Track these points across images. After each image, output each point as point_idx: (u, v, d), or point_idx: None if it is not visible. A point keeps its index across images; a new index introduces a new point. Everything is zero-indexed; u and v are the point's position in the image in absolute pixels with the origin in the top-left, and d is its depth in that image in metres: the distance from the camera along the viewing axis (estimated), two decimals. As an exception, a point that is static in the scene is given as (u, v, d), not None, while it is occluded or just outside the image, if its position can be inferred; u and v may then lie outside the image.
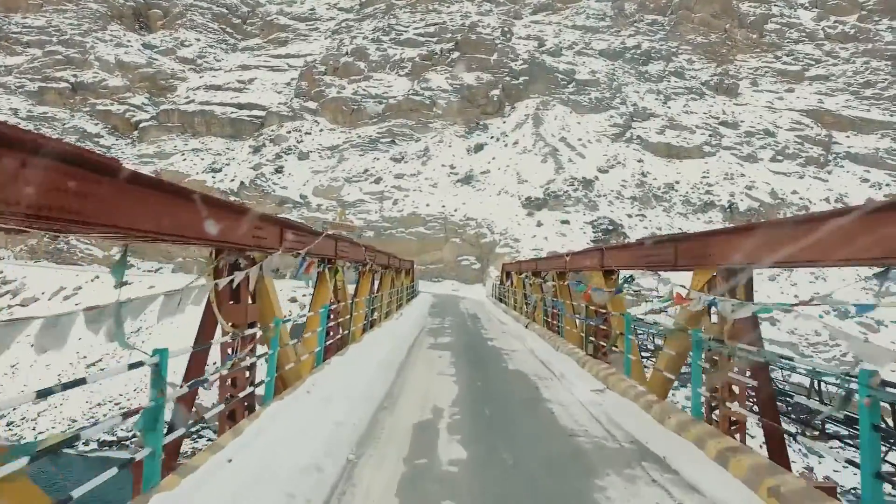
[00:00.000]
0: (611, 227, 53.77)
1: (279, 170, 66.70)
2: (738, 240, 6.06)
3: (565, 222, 54.41)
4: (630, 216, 56.85)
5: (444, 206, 57.64)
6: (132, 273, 67.27)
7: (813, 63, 78.30)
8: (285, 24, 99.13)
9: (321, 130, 73.44)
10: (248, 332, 6.92)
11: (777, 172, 64.05)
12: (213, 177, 69.34)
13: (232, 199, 65.79)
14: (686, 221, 58.72)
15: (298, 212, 60.59)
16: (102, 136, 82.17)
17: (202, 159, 73.25)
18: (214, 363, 7.05)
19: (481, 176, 61.68)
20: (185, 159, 73.80)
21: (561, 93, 73.16)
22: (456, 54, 75.10)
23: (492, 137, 67.65)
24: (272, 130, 74.21)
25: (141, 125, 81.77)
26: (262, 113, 77.19)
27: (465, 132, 68.59)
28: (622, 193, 59.60)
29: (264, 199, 64.23)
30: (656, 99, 74.40)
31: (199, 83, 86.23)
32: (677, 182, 63.04)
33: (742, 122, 70.74)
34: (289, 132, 73.32)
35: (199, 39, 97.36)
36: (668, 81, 77.27)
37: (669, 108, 72.79)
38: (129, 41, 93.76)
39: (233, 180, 67.06)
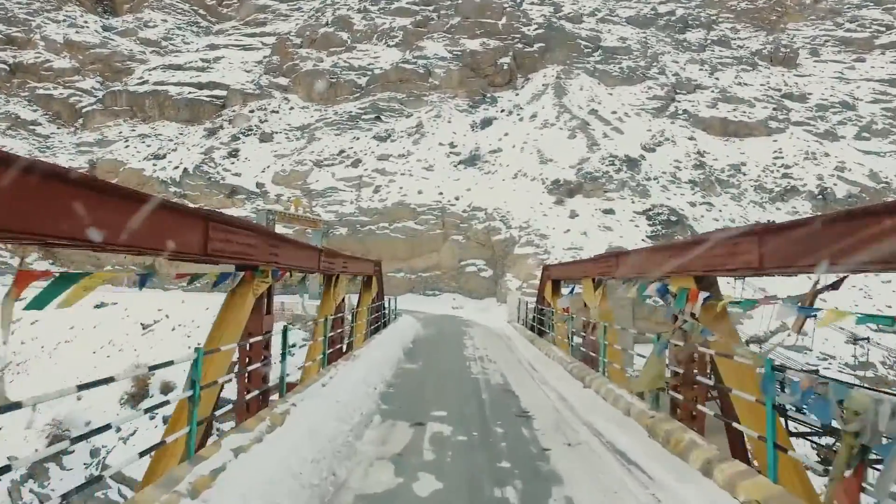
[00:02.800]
0: (673, 219, 36.46)
1: (233, 154, 49.57)
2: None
3: (609, 212, 37.05)
4: (693, 205, 39.60)
5: (441, 194, 40.43)
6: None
7: (883, 30, 61.40)
8: (264, 5, 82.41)
9: (291, 109, 56.44)
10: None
11: (867, 152, 46.91)
12: (155, 164, 52.39)
13: (172, 190, 48.84)
14: (763, 212, 41.54)
15: (253, 204, 43.55)
16: (41, 125, 65.21)
17: (148, 146, 56.26)
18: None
19: (490, 156, 44.47)
20: (127, 146, 56.84)
21: (584, 61, 56.16)
22: (456, 19, 58.22)
23: (502, 111, 50.55)
24: (233, 111, 57.28)
25: (84, 110, 65.08)
26: (225, 93, 60.33)
27: (468, 106, 51.52)
28: (677, 176, 42.36)
29: (210, 188, 47.14)
30: (700, 70, 57.42)
31: (157, 64, 69.43)
32: (743, 164, 45.90)
33: (810, 94, 53.72)
34: (251, 111, 56.34)
35: (165, 21, 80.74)
36: (712, 51, 60.39)
37: (718, 79, 55.83)
38: (85, 22, 77.01)
39: (176, 168, 50.10)
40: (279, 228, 38.36)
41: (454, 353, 14.56)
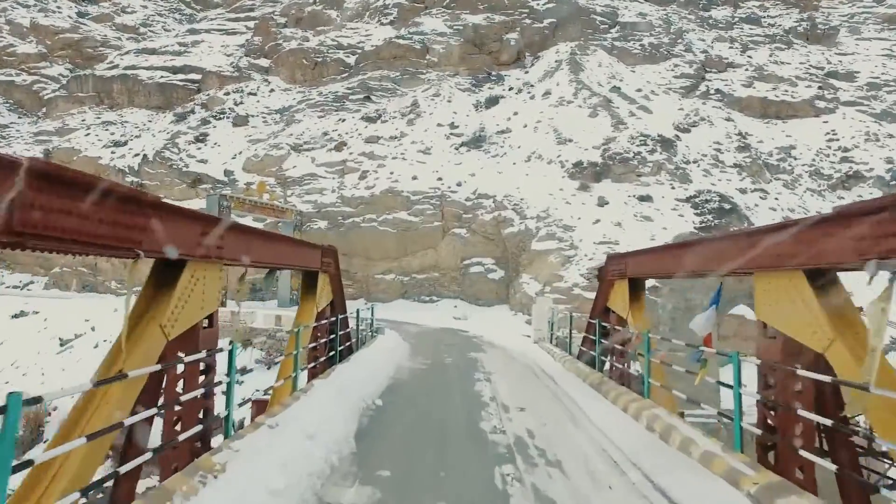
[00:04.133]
0: (726, 206, 28.85)
1: (200, 139, 42.00)
2: None
3: (646, 199, 29.44)
4: (743, 191, 32.00)
5: (440, 179, 32.83)
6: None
7: (929, 6, 54.02)
8: (252, -10, 75.05)
9: (271, 91, 48.92)
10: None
11: (934, 134, 39.34)
12: (113, 153, 44.86)
13: (129, 180, 41.30)
14: (822, 202, 33.96)
15: (219, 193, 36.05)
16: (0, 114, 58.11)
17: (111, 134, 48.79)
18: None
19: (498, 137, 36.87)
20: (88, 134, 49.33)
21: (601, 38, 48.66)
22: (457, -7, 50.77)
23: (510, 89, 43.00)
24: (207, 95, 49.79)
25: (47, 97, 57.68)
26: (200, 77, 52.84)
27: (471, 84, 43.98)
28: (720, 159, 34.77)
29: (172, 176, 39.55)
30: (731, 48, 49.96)
31: (130, 48, 62.01)
32: (792, 147, 38.35)
33: (857, 72, 46.23)
34: (227, 94, 48.84)
35: (145, 6, 73.53)
36: (741, 29, 52.97)
37: (751, 57, 48.37)
38: (58, 7, 69.56)
39: (137, 155, 42.59)
40: (239, 220, 30.81)
41: (461, 428, 6.85)
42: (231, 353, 5.65)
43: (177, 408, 5.08)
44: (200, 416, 5.29)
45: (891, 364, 4.27)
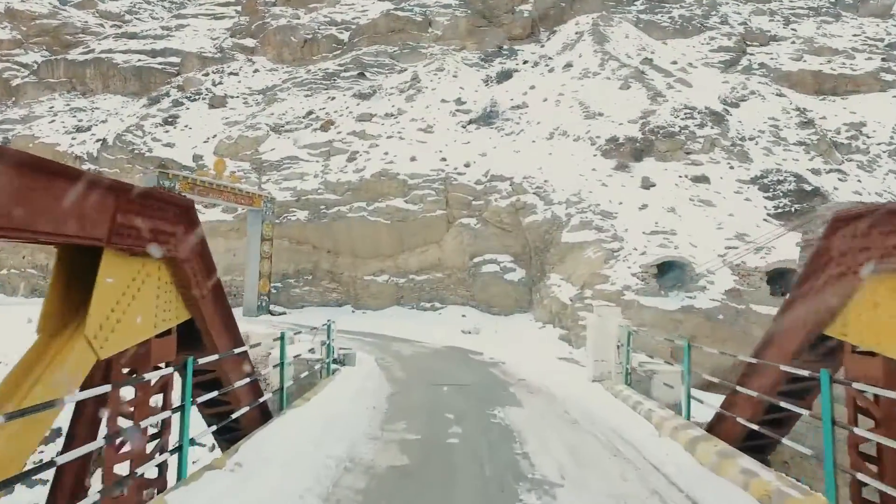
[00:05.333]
0: (806, 189, 22.44)
1: (169, 121, 35.94)
2: None
3: (701, 180, 23.06)
4: (816, 172, 25.53)
5: (444, 160, 26.51)
6: None
7: None
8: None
9: (255, 71, 42.85)
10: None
11: None
12: (74, 138, 38.89)
13: (86, 167, 35.27)
14: (907, 187, 27.45)
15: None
16: (-34, 103, 52.38)
17: (79, 121, 42.89)
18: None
19: (513, 112, 30.54)
20: (53, 121, 43.44)
21: (624, 10, 42.44)
22: (463, -35, 44.57)
23: (524, 62, 36.75)
24: (184, 77, 43.84)
25: (15, 84, 51.94)
26: (180, 60, 46.94)
27: (479, 59, 37.74)
28: (781, 136, 28.31)
29: (133, 162, 33.43)
30: (771, 21, 43.56)
31: (110, 34, 56.33)
32: (862, 124, 31.84)
33: (920, 44, 39.72)
34: (205, 75, 42.87)
35: (132, -7, 67.91)
36: (780, 1, 46.53)
37: (795, 30, 41.97)
38: (39, -6, 63.95)
39: (98, 140, 36.59)
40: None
41: None
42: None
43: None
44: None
45: None
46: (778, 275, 16.84)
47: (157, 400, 4.88)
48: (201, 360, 5.16)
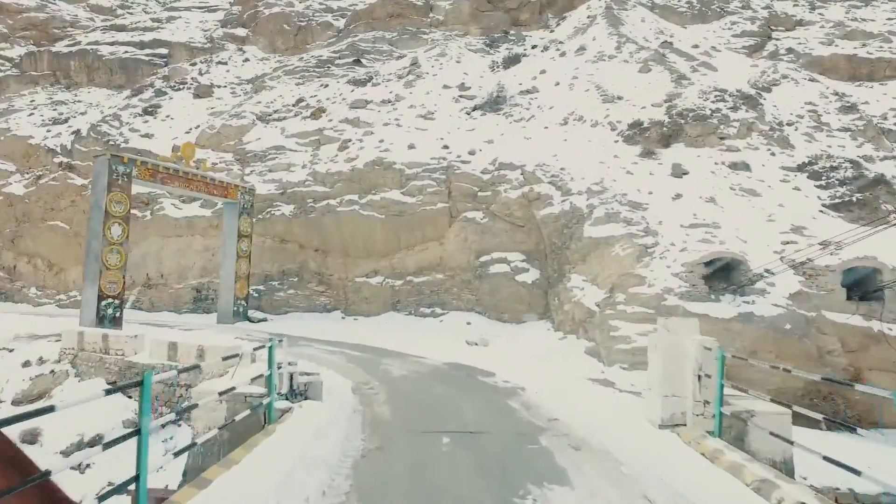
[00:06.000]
0: (868, 175, 19.29)
1: (150, 111, 33.01)
2: None
3: (741, 167, 19.91)
4: (868, 159, 22.35)
5: (446, 148, 23.40)
6: None
7: None
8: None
9: (245, 61, 39.92)
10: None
11: None
12: (49, 131, 35.98)
13: (58, 160, 32.33)
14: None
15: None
16: (-54, 98, 49.64)
17: (59, 114, 40.05)
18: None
19: (522, 97, 27.45)
20: (31, 115, 40.61)
21: (640, -5, 39.40)
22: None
23: (533, 47, 33.71)
24: (171, 67, 40.98)
25: (-3, 77, 49.18)
26: (168, 51, 44.11)
27: (484, 45, 34.72)
28: (824, 122, 25.14)
29: (108, 153, 30.47)
30: (796, 6, 40.42)
31: (98, 26, 53.61)
32: (907, 110, 28.67)
33: (959, 29, 36.53)
34: (192, 64, 40.03)
35: (125, -12, 65.16)
36: (803, -14, 43.44)
37: (822, 14, 38.84)
38: (29, -12, 61.27)
39: (73, 132, 33.65)
40: (146, 191, 22.10)
41: None
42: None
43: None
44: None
45: None
46: (854, 276, 13.67)
47: None
48: None
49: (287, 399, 7.70)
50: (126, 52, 45.78)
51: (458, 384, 10.44)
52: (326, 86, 31.57)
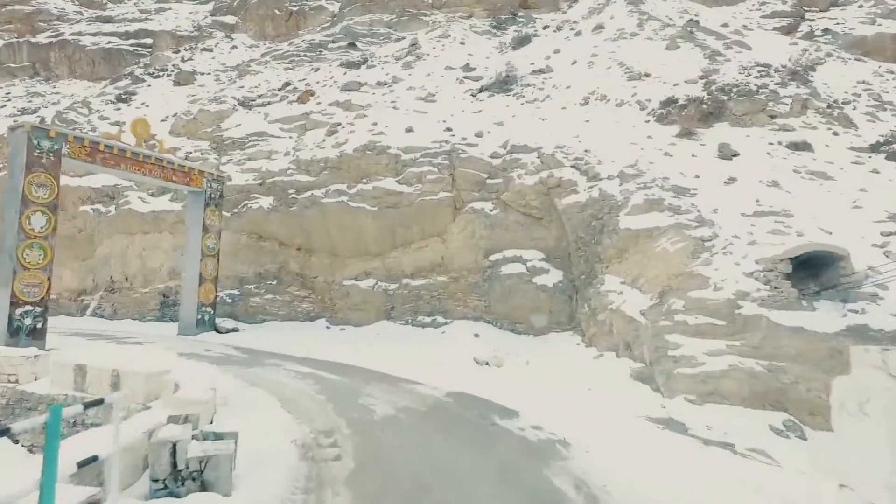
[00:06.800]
0: (958, 154, 15.88)
1: (124, 98, 29.85)
2: None
3: (802, 147, 16.51)
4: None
5: (449, 130, 20.02)
6: None
7: None
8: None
9: (233, 48, 36.83)
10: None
11: None
12: (15, 120, 32.89)
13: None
14: None
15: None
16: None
17: (31, 104, 37.00)
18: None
19: (535, 77, 24.12)
20: (4, 107, 37.56)
21: (658, -24, 36.10)
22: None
23: (545, 28, 30.46)
24: (154, 55, 37.91)
25: (-26, 71, 46.22)
26: (153, 41, 41.08)
27: (490, 27, 31.49)
28: (884, 99, 21.74)
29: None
30: (826, -13, 37.14)
31: (84, 18, 50.65)
32: (969, 91, 25.26)
33: None
34: (176, 52, 36.94)
35: (116, -18, 62.28)
36: (832, -32, 40.14)
37: (857, -5, 35.56)
38: (17, -17, 58.39)
39: (39, 120, 30.52)
40: (111, 183, 19.03)
41: None
42: None
43: None
44: None
45: None
46: None
47: None
48: None
49: (167, 490, 4.33)
50: (109, 42, 42.84)
51: (468, 435, 7.04)
52: (317, 69, 28.34)
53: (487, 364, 12.18)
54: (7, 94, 40.91)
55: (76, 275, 24.10)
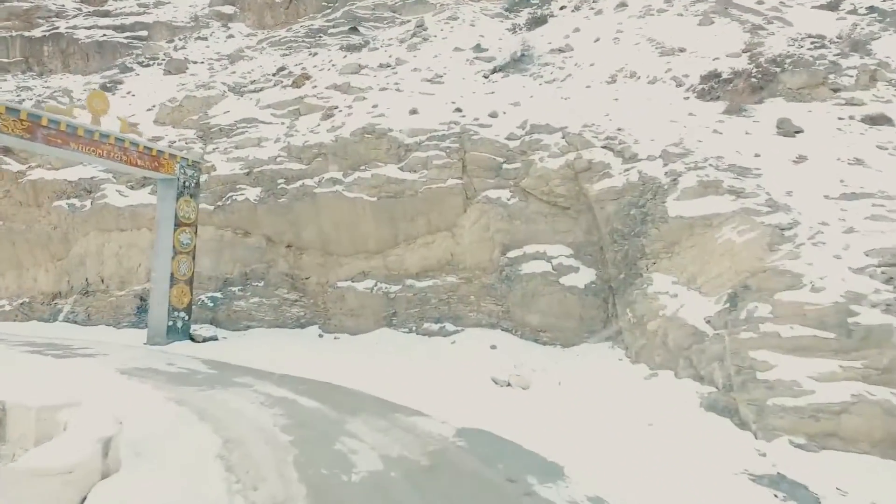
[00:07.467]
0: None
1: (108, 87, 27.72)
2: None
3: (879, 121, 13.86)
4: None
5: (459, 111, 17.52)
6: None
7: None
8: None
9: (229, 37, 34.66)
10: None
11: None
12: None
13: (-1, 145, 27.03)
14: None
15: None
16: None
17: (18, 98, 35.02)
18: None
19: (553, 56, 21.58)
20: (-8, 102, 35.49)
21: (682, -43, 33.46)
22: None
23: (561, 8, 27.91)
24: (145, 45, 35.85)
25: (-32, 67, 44.50)
26: (148, 33, 39.07)
27: (503, 9, 29.03)
28: (955, 75, 19.02)
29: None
30: (863, -34, 34.33)
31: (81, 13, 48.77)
32: None
33: None
34: (169, 42, 34.84)
35: (118, -21, 60.62)
36: (867, -51, 37.32)
37: (897, -25, 32.74)
38: (17, -19, 56.79)
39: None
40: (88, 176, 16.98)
41: None
42: None
43: None
44: None
45: None
46: None
47: None
48: None
49: None
50: (104, 35, 40.87)
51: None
52: (315, 54, 25.99)
53: (509, 385, 9.63)
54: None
55: (51, 276, 21.85)
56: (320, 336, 15.63)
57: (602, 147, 14.05)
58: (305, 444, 6.20)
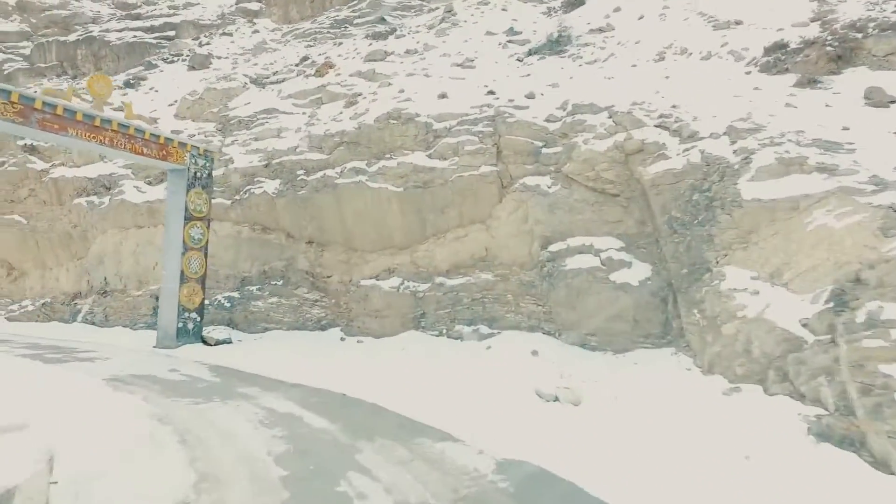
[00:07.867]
0: None
1: (132, 84, 27.23)
2: None
3: None
4: None
5: (492, 94, 16.00)
6: None
7: None
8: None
9: (255, 32, 33.93)
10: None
11: None
12: (29, 115, 30.83)
13: (23, 143, 26.91)
14: None
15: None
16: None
17: (52, 101, 35.04)
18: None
19: (593, 37, 19.81)
20: (26, 104, 35.70)
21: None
22: None
23: (601, -11, 26.14)
24: (171, 43, 35.52)
25: (6, 71, 45.31)
26: (175, 32, 38.86)
27: (536, -7, 27.38)
28: None
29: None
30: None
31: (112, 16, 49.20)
32: None
33: None
34: (195, 39, 34.36)
35: (151, -16, 61.31)
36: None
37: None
38: (56, -11, 58.01)
39: (51, 114, 28.21)
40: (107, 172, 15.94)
41: None
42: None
43: None
44: None
45: None
46: None
47: None
48: None
49: None
50: (134, 36, 40.89)
51: None
52: (340, 43, 24.86)
53: (557, 399, 8.05)
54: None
55: (71, 276, 21.24)
56: (342, 339, 14.32)
57: (655, 126, 12.32)
58: (301, 484, 4.78)
